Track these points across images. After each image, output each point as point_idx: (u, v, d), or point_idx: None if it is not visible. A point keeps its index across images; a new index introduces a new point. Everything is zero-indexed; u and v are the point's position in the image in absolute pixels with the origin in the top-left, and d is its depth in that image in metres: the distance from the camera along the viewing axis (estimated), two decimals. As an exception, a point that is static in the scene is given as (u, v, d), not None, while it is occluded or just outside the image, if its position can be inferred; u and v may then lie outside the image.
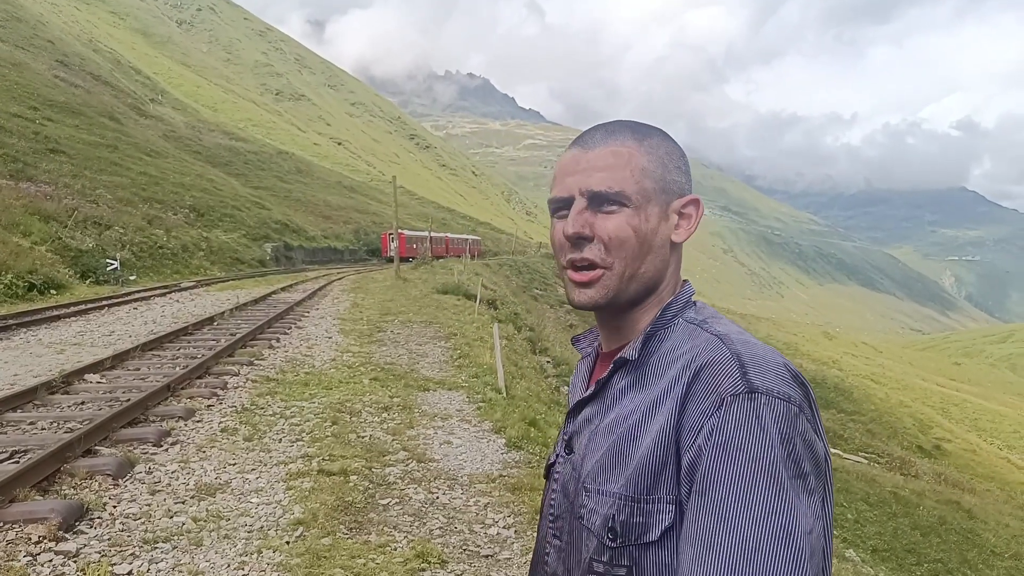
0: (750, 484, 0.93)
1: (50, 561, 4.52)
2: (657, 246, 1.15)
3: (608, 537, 1.06)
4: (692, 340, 1.10)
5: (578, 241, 1.15)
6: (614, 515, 1.06)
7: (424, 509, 5.81)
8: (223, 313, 17.59)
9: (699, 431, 0.99)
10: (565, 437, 1.26)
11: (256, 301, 21.11)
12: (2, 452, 6.50)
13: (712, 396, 1.00)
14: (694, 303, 1.19)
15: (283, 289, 26.28)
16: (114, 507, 5.44)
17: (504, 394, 10.35)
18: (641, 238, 1.13)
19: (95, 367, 10.26)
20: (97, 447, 6.65)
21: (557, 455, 1.29)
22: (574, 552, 1.14)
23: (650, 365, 1.13)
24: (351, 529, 5.34)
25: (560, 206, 1.19)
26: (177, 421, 7.84)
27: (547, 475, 1.32)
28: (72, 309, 17.64)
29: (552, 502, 1.24)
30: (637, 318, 1.19)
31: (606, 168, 1.14)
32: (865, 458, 28.24)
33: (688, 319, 1.15)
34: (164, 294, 23.06)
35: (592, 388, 1.23)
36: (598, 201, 1.14)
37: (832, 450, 27.86)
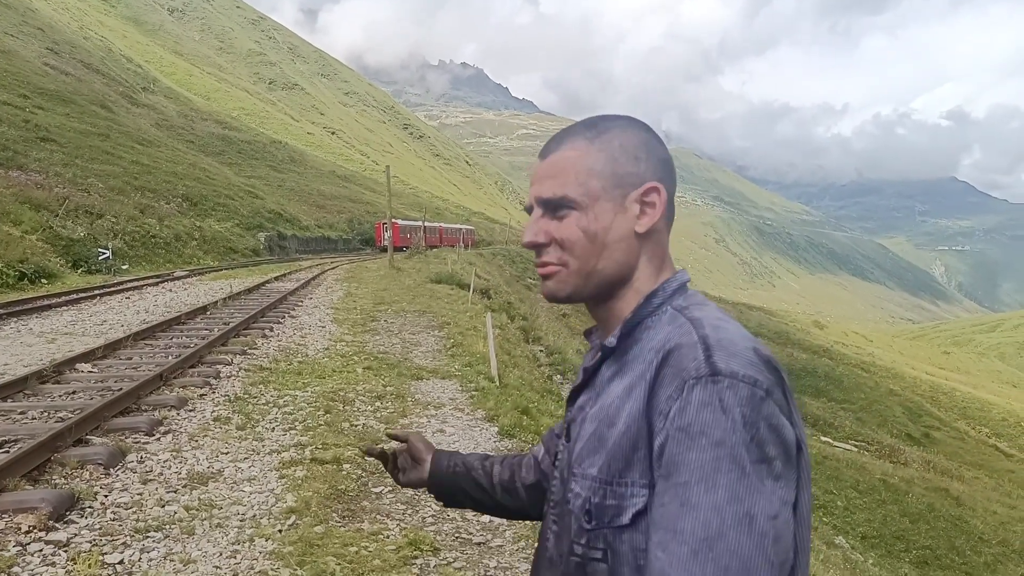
0: (712, 468, 0.93)
1: (40, 551, 4.51)
2: (613, 241, 1.16)
3: (585, 520, 1.07)
4: (671, 324, 1.10)
5: (535, 248, 1.20)
6: (590, 498, 1.07)
7: (417, 497, 5.82)
8: (216, 302, 17.55)
9: (667, 415, 0.99)
10: (565, 425, 1.28)
11: (249, 290, 21.06)
12: (-7, 441, 6.48)
13: (676, 380, 1.00)
14: (685, 290, 1.19)
15: (276, 278, 26.22)
16: (105, 496, 5.43)
17: (497, 383, 10.36)
18: (591, 237, 1.15)
19: (87, 356, 10.23)
20: (88, 436, 6.63)
21: (558, 437, 1.31)
22: (565, 536, 1.15)
23: (632, 352, 1.14)
24: (344, 517, 5.35)
25: (528, 211, 1.24)
26: (170, 410, 7.82)
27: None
28: (64, 298, 17.57)
29: (553, 487, 1.26)
30: (619, 309, 1.20)
31: (553, 175, 1.18)
32: (855, 446, 28.38)
33: (675, 306, 1.14)
34: (157, 283, 22.98)
35: (582, 376, 1.25)
36: (551, 208, 1.18)
37: (822, 438, 28.06)
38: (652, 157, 1.19)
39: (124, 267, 27.28)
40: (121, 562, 4.47)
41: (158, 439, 6.91)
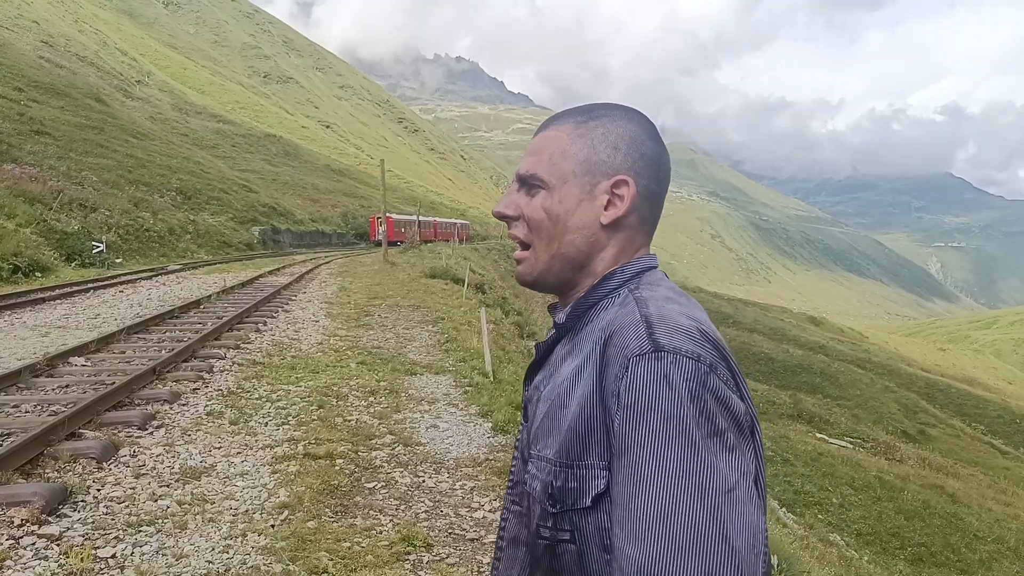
0: (662, 443, 0.93)
1: (33, 544, 4.49)
2: (575, 227, 1.16)
3: (549, 503, 1.07)
4: (620, 307, 1.10)
5: (503, 219, 1.22)
6: (551, 481, 1.06)
7: (410, 493, 5.81)
8: (210, 296, 17.53)
9: (616, 395, 0.99)
10: (523, 404, 1.29)
11: (243, 284, 21.03)
12: (-15, 435, 6.46)
13: (621, 359, 1.00)
14: (647, 274, 1.18)
15: (270, 272, 26.18)
16: (98, 490, 5.42)
17: (491, 378, 10.34)
18: (553, 219, 1.16)
19: (80, 350, 10.21)
20: (81, 430, 6.62)
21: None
22: (528, 518, 1.15)
23: (584, 332, 1.14)
24: (337, 513, 5.34)
25: None
26: (162, 404, 7.81)
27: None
28: (57, 292, 17.53)
29: (513, 468, 1.26)
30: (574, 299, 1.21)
31: (533, 153, 1.20)
32: (850, 443, 28.42)
33: (629, 288, 1.14)
34: (150, 277, 22.95)
35: (536, 353, 1.27)
36: (526, 184, 1.19)
37: (817, 435, 28.09)
38: (633, 151, 1.17)
39: (118, 261, 27.21)
40: (114, 556, 4.45)
41: (151, 433, 6.90)
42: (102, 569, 4.31)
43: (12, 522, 4.70)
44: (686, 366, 0.96)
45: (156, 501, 5.31)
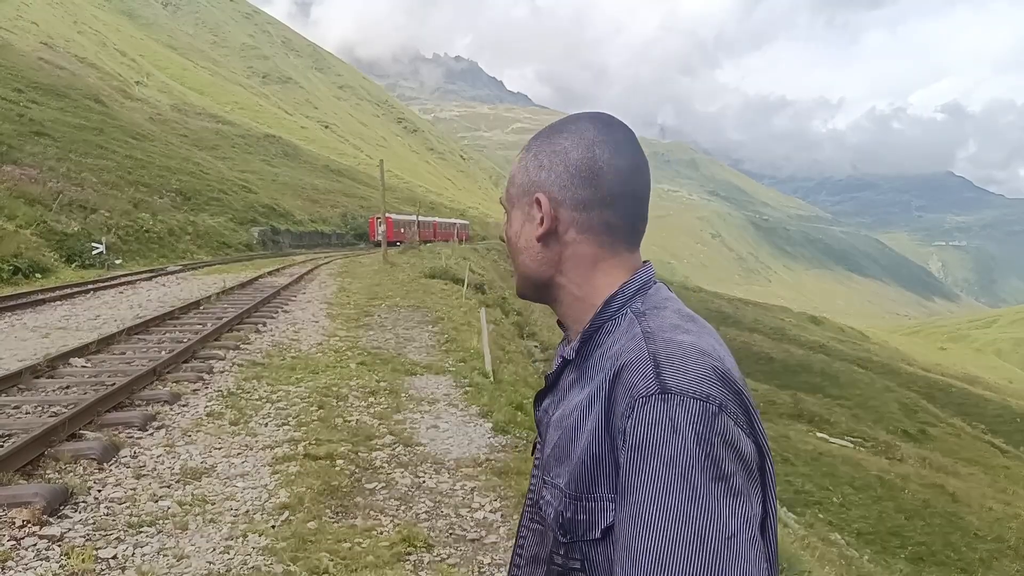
0: (664, 488, 0.92)
1: (34, 545, 4.50)
2: (523, 248, 1.22)
3: (560, 533, 1.07)
4: (627, 334, 1.08)
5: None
6: (562, 511, 1.07)
7: (411, 493, 5.82)
8: (209, 297, 17.52)
9: (623, 433, 0.98)
10: (536, 423, 1.30)
11: (243, 285, 21.02)
12: (-14, 436, 6.46)
13: (627, 398, 0.99)
14: (647, 289, 1.16)
15: (270, 273, 26.16)
16: (99, 491, 5.43)
17: (491, 379, 10.35)
18: (509, 241, 1.25)
19: (80, 351, 10.21)
20: (82, 431, 6.62)
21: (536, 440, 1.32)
22: (545, 540, 1.15)
23: (592, 359, 1.13)
24: (337, 513, 5.35)
25: None
26: (163, 405, 7.81)
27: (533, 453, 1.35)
28: (57, 293, 17.53)
29: (532, 486, 1.26)
30: (563, 313, 1.23)
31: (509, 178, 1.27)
32: (851, 442, 28.43)
33: (634, 310, 1.12)
34: (150, 278, 22.93)
35: (546, 382, 1.28)
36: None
37: (818, 434, 28.09)
38: (557, 164, 1.18)
39: (118, 262, 27.20)
40: (115, 557, 4.46)
41: (151, 434, 6.90)
42: (103, 570, 4.31)
43: (13, 523, 4.71)
44: (693, 408, 0.95)
45: (157, 502, 5.32)
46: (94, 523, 4.89)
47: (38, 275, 21.42)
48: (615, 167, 1.16)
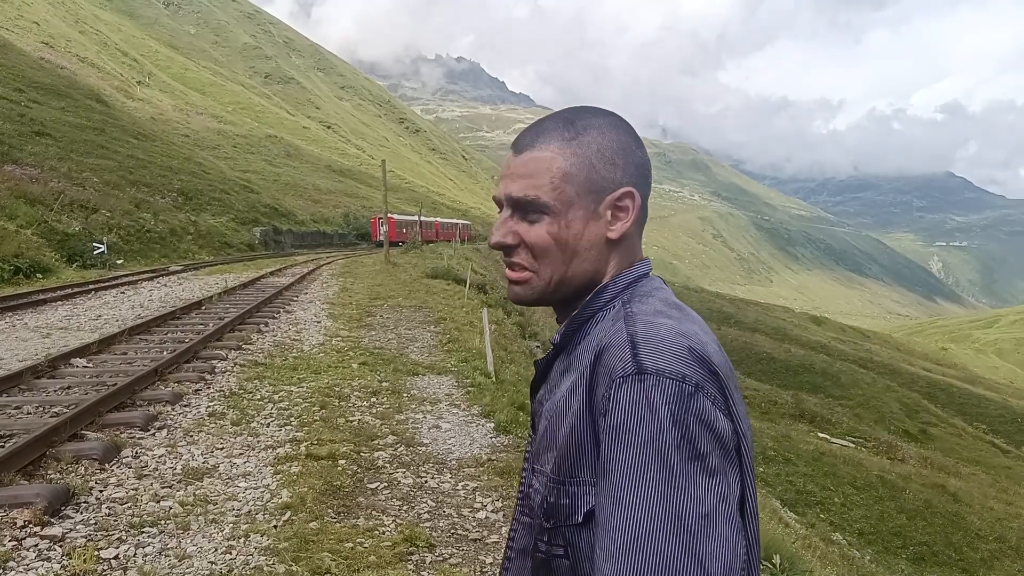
0: (640, 468, 0.93)
1: (36, 546, 4.50)
2: (584, 249, 1.15)
3: (544, 519, 1.08)
4: (612, 322, 1.09)
5: (503, 249, 1.18)
6: (546, 496, 1.08)
7: (413, 493, 5.82)
8: (211, 297, 17.53)
9: (604, 414, 0.99)
10: (531, 416, 1.29)
11: (244, 285, 21.04)
12: (-13, 436, 6.46)
13: (606, 379, 1.00)
14: (640, 282, 1.17)
15: (272, 273, 26.18)
16: (100, 491, 5.42)
17: (493, 378, 10.35)
18: (562, 245, 1.14)
19: (82, 351, 10.20)
20: (83, 431, 6.62)
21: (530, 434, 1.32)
22: (533, 530, 1.15)
23: (580, 347, 1.14)
24: (339, 513, 5.34)
25: (499, 205, 1.21)
26: (164, 405, 7.81)
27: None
28: (59, 293, 17.54)
29: (523, 478, 1.26)
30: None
31: (526, 176, 1.15)
32: (852, 442, 28.40)
33: (623, 300, 1.13)
34: (152, 278, 22.95)
35: (536, 370, 1.28)
36: (522, 209, 1.16)
37: (819, 434, 28.05)
38: (630, 163, 1.17)
39: (119, 262, 27.22)
40: (116, 557, 4.46)
41: (153, 434, 6.90)
42: (105, 570, 4.31)
43: (15, 523, 4.70)
44: (668, 388, 0.95)
45: (158, 502, 5.31)
46: (96, 523, 4.89)
47: (39, 275, 21.43)
48: (651, 167, 1.21)
